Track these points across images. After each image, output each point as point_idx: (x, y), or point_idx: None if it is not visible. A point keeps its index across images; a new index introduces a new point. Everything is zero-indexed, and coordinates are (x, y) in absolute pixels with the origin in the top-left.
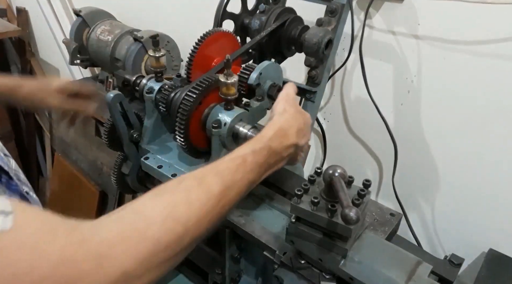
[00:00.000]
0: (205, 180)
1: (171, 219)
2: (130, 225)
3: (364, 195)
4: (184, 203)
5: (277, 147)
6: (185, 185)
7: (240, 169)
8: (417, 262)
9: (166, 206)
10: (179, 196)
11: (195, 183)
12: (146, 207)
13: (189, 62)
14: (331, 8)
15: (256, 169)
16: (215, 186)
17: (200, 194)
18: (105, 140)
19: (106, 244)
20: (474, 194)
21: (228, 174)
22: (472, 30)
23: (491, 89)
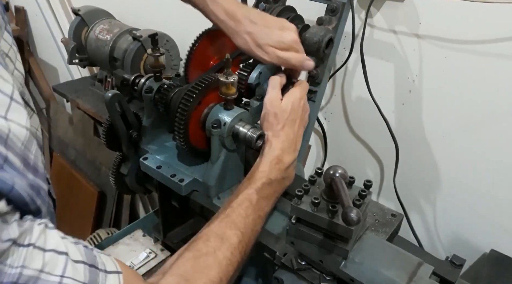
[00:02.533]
0: (226, 236)
1: (209, 282)
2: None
3: (365, 196)
4: (214, 265)
5: (277, 176)
6: (212, 246)
7: (249, 211)
8: (419, 263)
9: (203, 272)
10: (210, 259)
11: (218, 242)
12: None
13: (187, 61)
14: (332, 7)
15: (263, 203)
16: (234, 237)
17: (225, 252)
18: (104, 140)
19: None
20: (476, 195)
21: (240, 222)
22: (473, 29)
23: (493, 89)
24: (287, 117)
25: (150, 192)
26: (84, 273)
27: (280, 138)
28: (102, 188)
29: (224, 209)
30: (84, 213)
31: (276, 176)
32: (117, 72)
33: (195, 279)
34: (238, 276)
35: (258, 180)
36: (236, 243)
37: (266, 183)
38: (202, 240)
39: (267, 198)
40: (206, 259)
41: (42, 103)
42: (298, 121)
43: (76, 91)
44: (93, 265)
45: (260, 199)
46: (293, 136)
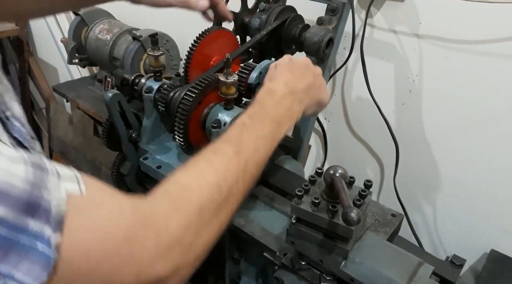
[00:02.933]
0: (218, 148)
1: (204, 184)
2: (176, 197)
3: (365, 196)
4: (209, 171)
5: (268, 101)
6: (205, 157)
7: (244, 130)
8: (419, 263)
9: (196, 176)
10: (203, 166)
11: (211, 154)
12: (183, 178)
13: (187, 61)
14: (332, 7)
15: (259, 126)
16: (228, 149)
17: (219, 160)
18: (104, 140)
19: (162, 218)
20: (476, 195)
21: (235, 139)
22: (474, 29)
23: (493, 89)
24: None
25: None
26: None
27: (275, 78)
28: None
29: None
30: None
31: (267, 101)
32: (117, 72)
33: (189, 183)
34: (238, 276)
35: (250, 108)
36: (231, 153)
37: (257, 107)
38: (195, 157)
39: (262, 120)
40: (198, 165)
41: (42, 103)
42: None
43: (76, 91)
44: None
45: (253, 120)
46: (291, 77)
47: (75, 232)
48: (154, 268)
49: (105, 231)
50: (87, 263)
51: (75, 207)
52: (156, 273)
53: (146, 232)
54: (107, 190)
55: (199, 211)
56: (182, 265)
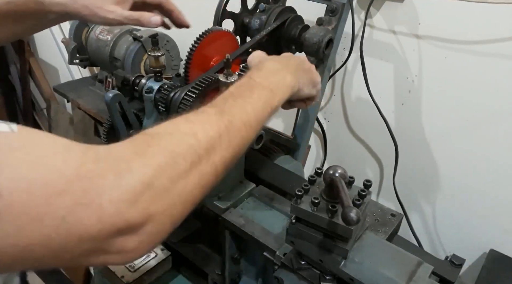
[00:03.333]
0: (198, 110)
1: (178, 132)
2: (142, 142)
3: (364, 195)
4: (184, 122)
5: (257, 73)
6: (182, 116)
7: (229, 97)
8: (418, 262)
9: (168, 126)
10: (178, 120)
11: (190, 113)
12: (151, 130)
13: (187, 62)
14: (332, 8)
15: (247, 92)
16: (209, 109)
17: (197, 116)
18: (104, 140)
19: (123, 160)
20: (475, 194)
21: (218, 102)
22: (473, 29)
23: (493, 89)
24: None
25: None
26: None
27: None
28: None
29: None
30: None
31: (256, 74)
32: (118, 73)
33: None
34: (238, 275)
35: (237, 82)
36: (213, 112)
37: (245, 79)
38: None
39: (251, 88)
40: (172, 121)
41: (42, 104)
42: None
43: (76, 92)
44: None
45: (239, 89)
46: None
47: (14, 168)
48: (120, 212)
49: (50, 166)
50: (33, 202)
51: (8, 144)
52: (124, 217)
53: (103, 172)
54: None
55: (171, 156)
56: (156, 211)
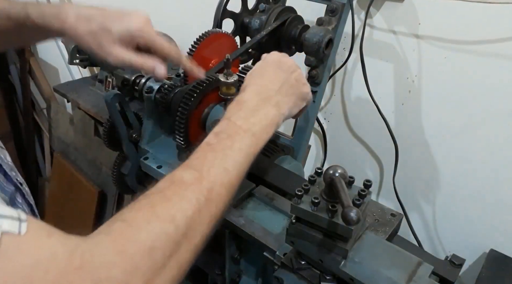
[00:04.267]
0: (176, 176)
1: (155, 219)
2: (120, 235)
3: (364, 195)
4: (161, 201)
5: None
6: (159, 187)
7: (208, 153)
8: (418, 262)
9: (146, 210)
10: (155, 197)
11: (168, 183)
12: (129, 215)
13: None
14: (332, 8)
15: (228, 142)
16: (187, 176)
17: (174, 189)
18: (104, 140)
19: (105, 266)
20: (475, 194)
21: (196, 163)
22: (473, 29)
23: (493, 89)
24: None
25: None
26: None
27: (248, 86)
28: (103, 187)
29: None
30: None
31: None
32: (118, 73)
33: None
34: (238, 275)
35: (216, 126)
36: (191, 180)
37: (224, 124)
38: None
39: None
40: (149, 198)
41: (42, 104)
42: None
43: (76, 92)
44: None
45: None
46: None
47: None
48: None
49: (29, 278)
50: None
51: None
52: None
53: (82, 281)
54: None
55: (149, 253)
56: None
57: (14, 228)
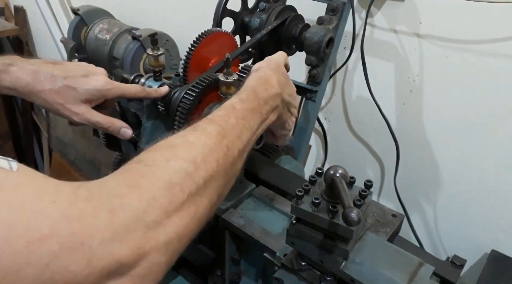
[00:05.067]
0: (198, 126)
1: (175, 158)
2: (136, 173)
3: (365, 196)
4: (183, 145)
5: (263, 94)
6: (179, 133)
7: (232, 114)
8: (419, 263)
9: (165, 150)
10: (176, 141)
11: (189, 130)
12: (146, 156)
13: (186, 64)
14: (332, 7)
15: (248, 115)
16: (211, 127)
17: (197, 135)
18: (103, 140)
19: (116, 195)
20: (476, 195)
21: (220, 120)
22: (474, 29)
23: (494, 89)
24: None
25: None
26: None
27: (269, 70)
28: None
29: None
30: None
31: (262, 94)
32: (117, 72)
33: (152, 158)
34: (238, 276)
35: (243, 92)
36: (214, 133)
37: (251, 96)
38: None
39: (253, 111)
40: (169, 140)
41: None
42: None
43: None
44: None
45: (244, 108)
46: (282, 75)
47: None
48: (112, 253)
49: (35, 208)
50: (9, 250)
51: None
52: (115, 258)
53: (94, 211)
54: (39, 174)
55: (167, 187)
56: (148, 247)
57: (4, 165)
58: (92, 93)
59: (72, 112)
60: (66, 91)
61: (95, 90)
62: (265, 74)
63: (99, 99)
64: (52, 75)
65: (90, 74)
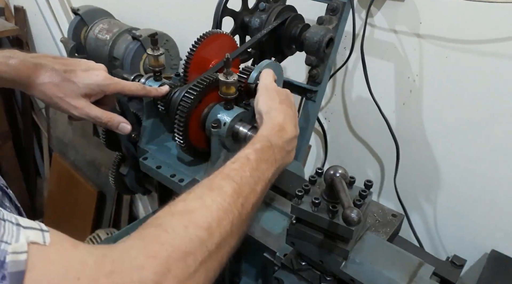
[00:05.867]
0: (214, 184)
1: (193, 225)
2: (155, 241)
3: (365, 196)
4: (200, 208)
5: (278, 142)
6: (196, 193)
7: (246, 167)
8: (419, 263)
9: (183, 215)
10: (193, 204)
11: (206, 189)
12: (165, 220)
13: (186, 64)
14: (332, 7)
15: (263, 166)
16: (227, 186)
17: (214, 197)
18: (103, 140)
19: (136, 269)
20: (476, 195)
21: (235, 175)
22: (474, 28)
23: (494, 89)
24: (282, 97)
25: (150, 192)
26: None
27: (279, 110)
28: (102, 188)
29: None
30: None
31: (277, 142)
32: (117, 72)
33: (170, 223)
34: (238, 276)
35: (257, 142)
36: (230, 191)
37: (266, 146)
38: (183, 194)
39: (267, 162)
40: (187, 203)
41: (41, 103)
42: (291, 102)
43: None
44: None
45: (259, 159)
46: (292, 114)
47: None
48: None
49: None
50: None
51: (34, 258)
52: None
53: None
54: (70, 240)
55: (182, 258)
56: None
57: (39, 239)
58: (91, 87)
59: (71, 106)
60: (66, 85)
61: (95, 85)
62: (280, 119)
63: (99, 94)
64: (53, 68)
65: (90, 69)
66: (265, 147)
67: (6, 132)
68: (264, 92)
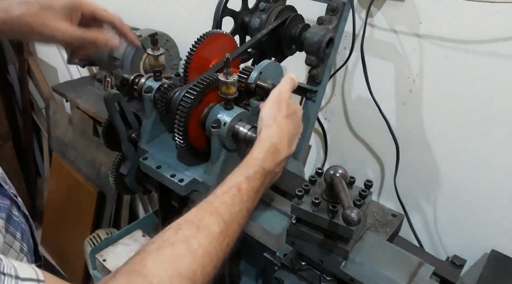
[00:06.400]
0: (203, 223)
1: (177, 276)
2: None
3: (365, 196)
4: (186, 255)
5: (270, 167)
6: (184, 234)
7: (236, 200)
8: (419, 263)
9: (169, 262)
10: (180, 248)
11: (194, 229)
12: (151, 267)
13: (186, 65)
14: (332, 7)
15: (252, 195)
16: (215, 226)
17: (201, 240)
18: (103, 140)
19: None
20: (476, 195)
21: (225, 211)
22: (474, 29)
23: (494, 89)
24: (291, 112)
25: (150, 192)
26: None
27: (281, 126)
28: (102, 188)
29: (206, 197)
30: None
31: (270, 167)
32: (117, 72)
33: (156, 273)
34: (238, 276)
35: (251, 167)
36: (217, 232)
37: (258, 173)
38: (172, 229)
39: (258, 191)
40: (174, 248)
41: (41, 103)
42: (298, 119)
43: (75, 91)
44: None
45: (250, 189)
46: (293, 132)
47: None
48: None
49: None
50: None
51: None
52: None
53: None
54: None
55: None
56: None
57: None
58: (67, 7)
59: (55, 28)
60: (44, 12)
61: (70, 4)
62: (277, 138)
63: (76, 13)
64: (27, 0)
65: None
66: (258, 174)
67: (6, 132)
68: (276, 99)
